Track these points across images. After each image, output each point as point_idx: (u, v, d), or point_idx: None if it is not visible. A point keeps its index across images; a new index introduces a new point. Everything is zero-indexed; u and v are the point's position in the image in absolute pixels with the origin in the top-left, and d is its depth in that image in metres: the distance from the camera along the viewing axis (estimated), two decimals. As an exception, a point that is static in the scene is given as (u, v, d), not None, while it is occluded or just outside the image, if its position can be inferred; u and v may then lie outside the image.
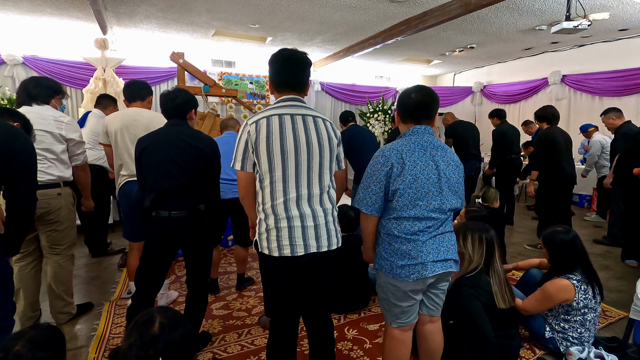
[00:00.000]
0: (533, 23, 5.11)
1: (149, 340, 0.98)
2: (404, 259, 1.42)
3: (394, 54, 7.08)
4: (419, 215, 1.42)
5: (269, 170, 1.40)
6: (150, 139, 1.88)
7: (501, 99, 8.14)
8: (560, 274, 1.98)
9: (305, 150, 1.42)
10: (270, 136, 1.38)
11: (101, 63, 5.44)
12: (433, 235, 1.45)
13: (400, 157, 1.41)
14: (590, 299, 1.95)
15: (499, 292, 1.82)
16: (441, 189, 1.44)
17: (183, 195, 1.83)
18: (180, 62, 3.83)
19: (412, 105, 1.48)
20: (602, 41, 6.15)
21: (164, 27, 5.31)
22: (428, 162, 1.43)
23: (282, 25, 5.29)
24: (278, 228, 1.40)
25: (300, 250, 1.40)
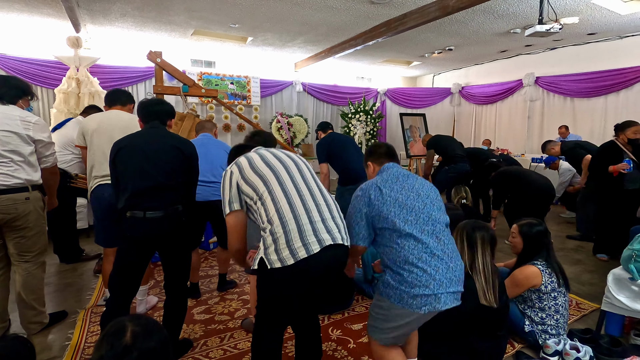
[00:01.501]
0: (508, 26, 5.27)
1: (120, 351, 0.92)
2: (415, 288, 1.41)
3: (374, 55, 7.16)
4: (415, 234, 1.46)
5: (263, 184, 1.46)
6: (127, 140, 1.86)
7: (478, 100, 8.36)
8: (528, 262, 2.12)
9: (290, 161, 1.56)
10: (252, 162, 1.52)
11: (74, 62, 5.25)
12: (442, 260, 1.46)
13: (377, 187, 1.56)
14: (554, 282, 2.06)
15: (480, 289, 1.82)
16: (424, 203, 1.55)
17: (159, 195, 1.78)
18: (158, 61, 3.74)
19: (384, 149, 1.75)
20: (573, 44, 6.41)
21: (140, 25, 5.17)
22: (403, 185, 1.58)
23: (263, 25, 5.25)
24: (286, 232, 1.35)
25: (315, 247, 1.34)
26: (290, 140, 7.64)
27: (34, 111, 5.84)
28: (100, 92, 5.45)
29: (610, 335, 2.12)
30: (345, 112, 8.23)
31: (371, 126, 8.05)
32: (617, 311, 2.11)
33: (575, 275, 3.20)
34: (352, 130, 8.06)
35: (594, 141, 5.85)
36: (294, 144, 7.73)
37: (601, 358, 1.98)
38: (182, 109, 4.37)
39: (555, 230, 4.52)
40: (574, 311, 2.54)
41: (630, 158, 3.34)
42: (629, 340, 2.15)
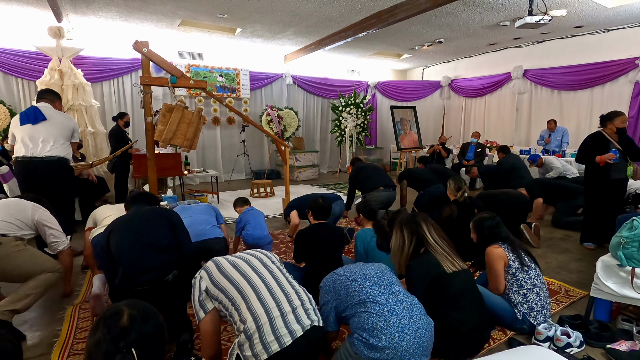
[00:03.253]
0: (497, 18, 5.30)
1: (117, 333, 0.92)
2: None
3: (365, 47, 7.12)
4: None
5: (233, 286, 1.49)
6: (117, 222, 2.07)
7: (468, 93, 8.42)
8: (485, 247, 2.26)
9: (260, 264, 1.60)
10: (221, 267, 1.57)
11: (56, 53, 5.09)
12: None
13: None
14: (519, 260, 2.18)
15: (444, 260, 1.92)
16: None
17: (155, 260, 1.92)
18: (145, 51, 3.62)
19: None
20: (560, 38, 6.49)
21: (125, 15, 5.03)
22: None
23: (252, 16, 5.16)
24: (259, 327, 1.39)
25: (287, 339, 1.38)
26: (280, 134, 7.58)
27: (15, 103, 5.65)
28: (84, 84, 5.31)
29: (599, 321, 2.16)
30: (335, 105, 8.20)
31: (362, 119, 8.05)
32: (606, 297, 2.16)
33: (564, 263, 3.26)
34: (342, 124, 8.04)
35: (580, 133, 5.99)
36: (284, 137, 7.68)
37: (591, 343, 2.02)
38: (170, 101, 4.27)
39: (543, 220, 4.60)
40: (563, 298, 2.59)
41: (616, 148, 3.40)
42: (616, 325, 2.20)
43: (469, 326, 1.88)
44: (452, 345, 1.87)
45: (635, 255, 2.05)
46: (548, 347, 1.95)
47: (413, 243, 1.99)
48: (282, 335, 1.38)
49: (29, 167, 3.07)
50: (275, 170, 8.01)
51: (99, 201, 4.96)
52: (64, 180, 3.21)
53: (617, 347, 1.92)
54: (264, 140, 8.13)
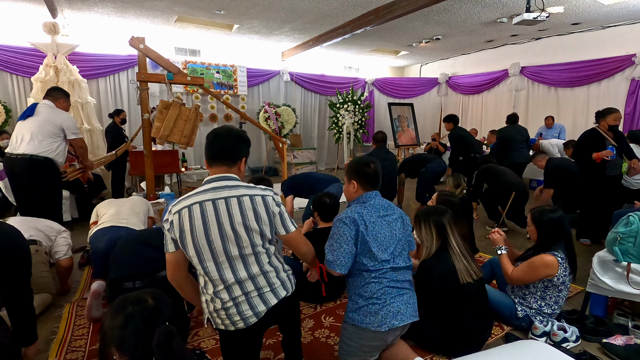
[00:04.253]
0: (494, 15, 5.29)
1: (150, 313, 0.95)
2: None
3: (362, 44, 7.11)
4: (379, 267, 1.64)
5: (199, 262, 1.34)
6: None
7: (465, 90, 8.43)
8: (546, 250, 2.04)
9: (233, 237, 1.34)
10: (194, 230, 1.32)
11: (51, 49, 5.04)
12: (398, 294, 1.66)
13: (363, 220, 1.63)
14: (567, 276, 2.05)
15: (462, 269, 1.88)
16: (394, 240, 1.69)
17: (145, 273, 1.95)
18: (141, 47, 3.60)
19: (372, 174, 1.72)
20: (557, 35, 6.50)
21: (121, 11, 4.98)
22: (382, 221, 1.68)
23: (249, 12, 5.13)
24: (226, 309, 1.36)
25: (252, 320, 1.38)
26: (278, 131, 7.56)
27: (10, 100, 5.61)
28: (80, 80, 5.26)
29: (595, 316, 2.18)
30: (333, 102, 8.19)
31: (359, 116, 8.04)
32: (602, 292, 2.18)
33: None
34: (340, 120, 8.03)
35: (577, 130, 6.01)
36: (281, 134, 7.66)
37: (587, 337, 2.04)
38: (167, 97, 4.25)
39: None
40: (559, 294, 2.61)
41: (612, 145, 3.42)
42: (612, 319, 2.22)
43: (475, 327, 1.90)
44: (454, 343, 1.89)
45: (631, 250, 2.07)
46: (544, 341, 1.96)
47: (437, 243, 1.97)
48: (247, 316, 1.37)
49: (7, 165, 3.09)
50: (273, 167, 8.00)
51: (96, 199, 4.94)
52: (38, 179, 3.03)
53: (612, 341, 1.94)
54: (262, 137, 8.11)
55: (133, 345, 0.92)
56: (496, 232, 2.29)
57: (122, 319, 0.94)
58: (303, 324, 2.23)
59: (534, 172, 6.36)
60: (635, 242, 2.06)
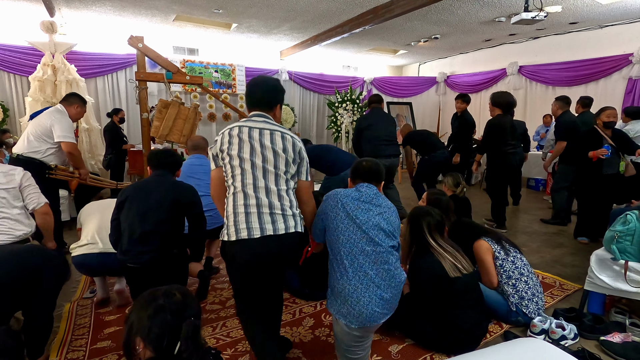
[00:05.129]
0: (493, 14, 5.30)
1: (179, 307, 1.00)
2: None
3: (361, 43, 7.10)
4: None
5: (230, 169, 1.55)
6: (131, 189, 2.04)
7: (463, 89, 8.42)
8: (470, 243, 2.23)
9: (260, 153, 1.53)
10: (231, 142, 1.55)
11: (49, 48, 5.01)
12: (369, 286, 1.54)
13: (342, 203, 1.61)
14: (502, 248, 2.20)
15: (449, 266, 1.90)
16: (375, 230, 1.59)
17: (155, 241, 1.93)
18: (140, 46, 3.60)
19: (365, 170, 1.73)
20: (555, 34, 6.51)
21: (119, 10, 4.96)
22: (369, 208, 1.62)
23: (248, 11, 5.12)
24: (236, 214, 1.49)
25: (256, 233, 1.46)
26: (276, 130, 7.55)
27: (7, 99, 5.59)
28: (78, 79, 5.24)
29: (592, 314, 2.20)
30: (332, 101, 8.19)
31: (358, 115, 8.04)
32: (600, 290, 2.19)
33: (558, 257, 3.31)
34: (339, 120, 8.03)
35: (575, 129, 6.02)
36: (280, 134, 7.65)
37: (585, 335, 2.06)
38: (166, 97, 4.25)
39: (533, 215, 4.65)
40: (558, 292, 2.63)
41: (609, 144, 3.44)
42: (610, 317, 2.24)
43: (470, 323, 1.91)
44: (451, 340, 1.90)
45: (629, 248, 2.09)
46: (543, 339, 1.98)
47: (415, 243, 1.98)
48: (252, 227, 1.46)
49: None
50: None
51: (94, 198, 4.92)
52: None
53: (610, 339, 1.96)
54: (260, 137, 8.10)
55: (159, 336, 0.96)
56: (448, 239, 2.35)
57: (151, 310, 0.98)
58: (303, 322, 2.24)
59: (530, 171, 6.41)
60: (633, 240, 2.08)
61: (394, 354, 1.94)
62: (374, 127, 4.18)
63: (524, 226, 4.30)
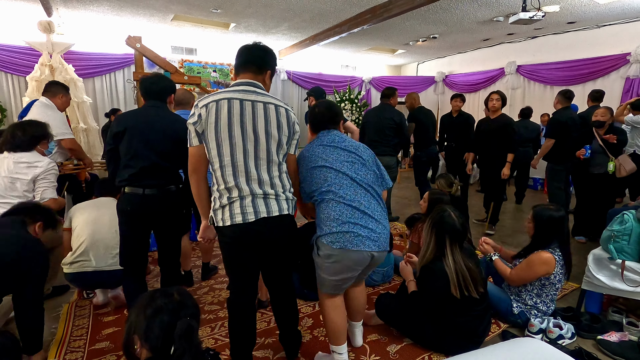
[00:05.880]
0: (491, 14, 5.31)
1: (176, 306, 1.02)
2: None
3: (359, 43, 7.10)
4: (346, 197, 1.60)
5: (217, 155, 1.44)
6: (130, 120, 1.91)
7: (462, 88, 8.44)
8: (541, 248, 2.07)
9: (253, 138, 1.45)
10: (218, 122, 1.41)
11: (47, 48, 4.99)
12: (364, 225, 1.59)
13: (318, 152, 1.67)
14: (563, 274, 2.09)
15: (452, 281, 1.82)
16: (356, 169, 1.66)
17: (155, 175, 1.87)
18: (138, 46, 3.59)
19: (318, 117, 1.79)
20: (553, 33, 6.53)
21: (117, 9, 4.95)
22: (337, 151, 1.68)
23: (246, 10, 5.11)
24: (231, 205, 1.46)
25: (251, 217, 1.45)
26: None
27: (5, 99, 5.56)
28: (76, 79, 5.22)
29: (590, 313, 2.21)
30: (330, 101, 8.19)
31: (357, 115, 8.04)
32: (597, 290, 2.20)
33: None
34: (337, 119, 8.03)
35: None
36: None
37: (582, 334, 2.07)
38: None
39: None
40: (555, 291, 2.64)
41: (597, 144, 3.45)
42: (607, 316, 2.25)
43: (475, 331, 1.92)
44: (451, 342, 1.90)
45: (626, 248, 2.10)
46: (540, 338, 1.99)
47: (432, 253, 1.93)
48: (247, 212, 1.45)
49: None
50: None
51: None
52: None
53: (607, 338, 1.97)
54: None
55: (156, 335, 0.98)
56: (483, 243, 2.33)
57: (149, 311, 1.01)
58: (302, 322, 2.25)
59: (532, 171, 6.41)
60: (630, 240, 2.09)
61: (392, 354, 1.95)
62: (366, 126, 4.29)
63: (523, 225, 4.31)
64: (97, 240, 2.28)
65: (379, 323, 2.19)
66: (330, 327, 1.73)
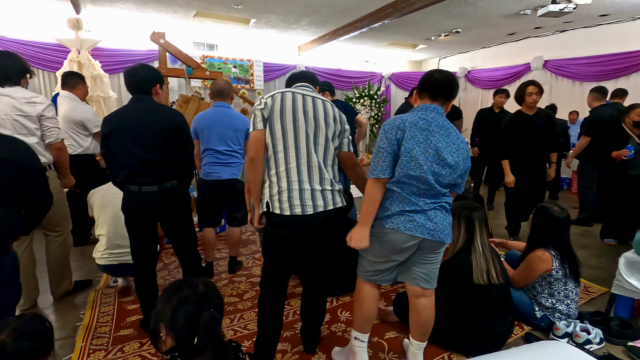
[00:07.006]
0: (518, 7, 5.13)
1: (201, 297, 1.04)
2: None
3: (379, 38, 7.01)
4: (412, 184, 1.48)
5: (281, 137, 1.56)
6: (115, 120, 1.86)
7: (485, 85, 8.22)
8: (538, 247, 2.08)
9: (313, 125, 1.59)
10: (284, 109, 1.57)
11: (75, 44, 5.16)
12: (431, 207, 1.51)
13: (403, 127, 1.46)
14: (566, 269, 2.04)
15: (479, 268, 1.85)
16: (437, 164, 1.46)
17: (151, 171, 1.84)
18: (162, 42, 3.66)
19: (434, 83, 1.54)
20: (583, 27, 6.25)
21: (141, 6, 5.06)
22: (427, 137, 1.46)
23: (267, 6, 5.13)
24: (290, 190, 1.54)
25: (309, 210, 1.54)
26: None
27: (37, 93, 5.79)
28: (102, 75, 5.39)
29: (620, 318, 2.12)
30: (349, 97, 8.14)
31: (375, 111, 7.97)
32: (628, 294, 2.11)
33: (583, 259, 3.16)
34: (356, 115, 7.99)
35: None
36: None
37: (611, 340, 1.99)
38: (186, 92, 4.31)
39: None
40: (582, 294, 2.54)
41: (636, 143, 3.29)
42: (638, 322, 2.15)
43: (496, 332, 1.88)
44: (472, 343, 1.87)
45: (661, 251, 2.00)
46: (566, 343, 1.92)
47: (463, 240, 1.92)
48: (306, 205, 1.54)
49: None
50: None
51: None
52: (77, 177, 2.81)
53: (639, 344, 1.88)
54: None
55: (180, 325, 1.00)
56: (490, 243, 2.27)
57: (175, 301, 1.03)
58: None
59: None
60: (665, 243, 1.98)
61: (411, 352, 1.92)
62: None
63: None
64: (118, 237, 2.38)
65: (397, 320, 2.17)
66: (360, 314, 1.69)
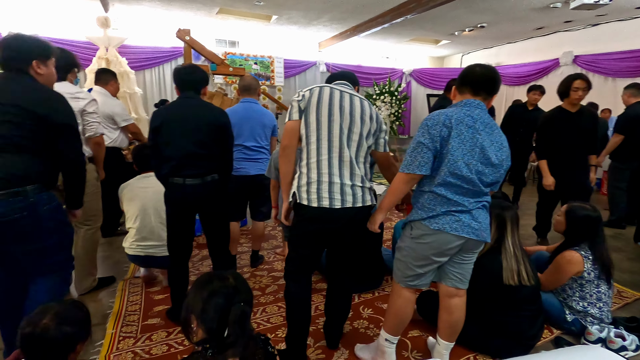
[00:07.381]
0: (548, 0, 4.95)
1: (231, 290, 1.06)
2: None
3: (401, 33, 6.91)
4: (455, 183, 1.43)
5: (316, 129, 1.56)
6: (165, 114, 1.96)
7: (511, 81, 7.98)
8: (569, 247, 2.02)
9: (348, 120, 1.58)
10: (320, 102, 1.58)
11: (104, 42, 5.31)
12: (475, 207, 1.48)
13: (449, 123, 1.41)
14: (599, 271, 1.96)
15: (509, 268, 1.82)
16: (482, 163, 1.44)
17: (196, 165, 1.92)
18: (187, 39, 3.72)
19: (475, 77, 1.51)
20: (617, 20, 5.97)
21: (166, 4, 5.16)
22: (473, 135, 1.43)
23: (288, 2, 5.13)
24: (320, 182, 1.54)
25: (337, 204, 1.53)
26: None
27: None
28: (129, 72, 5.53)
29: (657, 324, 2.02)
30: (370, 93, 8.07)
31: (396, 108, 7.87)
32: (666, 299, 2.01)
33: (615, 263, 2.99)
34: (376, 112, 7.92)
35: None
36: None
37: (648, 347, 1.90)
38: (210, 88, 4.38)
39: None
40: (616, 299, 2.44)
41: None
42: (677, 329, 2.05)
43: (526, 334, 1.83)
44: (497, 343, 1.82)
45: None
46: (599, 348, 1.85)
47: (494, 238, 1.86)
48: (335, 198, 1.53)
49: None
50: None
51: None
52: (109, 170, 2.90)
53: (678, 352, 1.79)
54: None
55: (211, 317, 1.02)
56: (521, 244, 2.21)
57: (205, 293, 1.05)
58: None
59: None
60: None
61: (435, 352, 1.89)
62: None
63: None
64: (144, 230, 2.42)
65: (420, 319, 2.14)
66: (395, 318, 1.66)
